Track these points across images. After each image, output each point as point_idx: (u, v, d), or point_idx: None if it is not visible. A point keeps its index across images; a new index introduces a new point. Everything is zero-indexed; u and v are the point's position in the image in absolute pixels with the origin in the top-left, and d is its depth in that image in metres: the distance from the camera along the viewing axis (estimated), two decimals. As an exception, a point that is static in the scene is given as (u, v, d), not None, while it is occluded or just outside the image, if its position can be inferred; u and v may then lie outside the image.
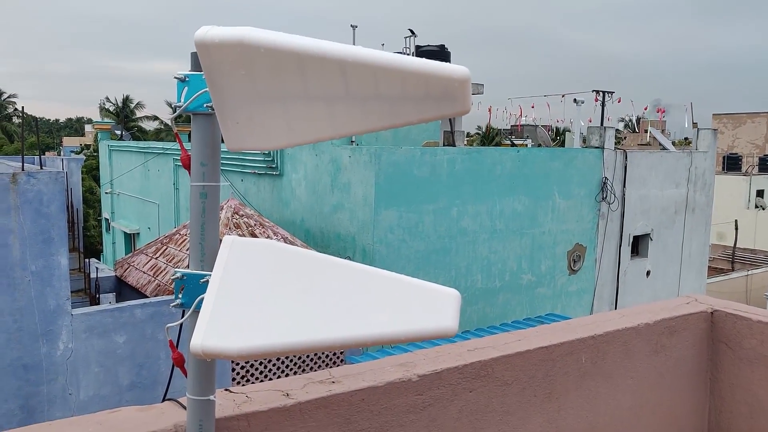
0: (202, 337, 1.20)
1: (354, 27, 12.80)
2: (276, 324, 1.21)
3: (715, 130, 15.73)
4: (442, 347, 2.05)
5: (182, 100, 1.35)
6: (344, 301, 1.24)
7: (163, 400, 1.57)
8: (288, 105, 1.22)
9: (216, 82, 1.22)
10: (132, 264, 10.21)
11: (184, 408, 1.47)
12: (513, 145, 22.66)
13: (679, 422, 2.49)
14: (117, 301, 9.36)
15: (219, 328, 1.21)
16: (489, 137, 43.54)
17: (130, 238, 19.01)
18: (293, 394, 1.65)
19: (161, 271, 9.34)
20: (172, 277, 1.39)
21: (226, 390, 1.66)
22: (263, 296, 1.25)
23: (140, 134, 43.11)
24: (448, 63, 1.16)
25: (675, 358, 2.45)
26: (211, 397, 1.42)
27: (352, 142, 11.15)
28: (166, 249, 10.08)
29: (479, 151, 11.39)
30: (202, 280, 1.34)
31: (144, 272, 9.66)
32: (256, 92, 1.21)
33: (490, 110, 21.91)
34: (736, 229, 24.86)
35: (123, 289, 9.98)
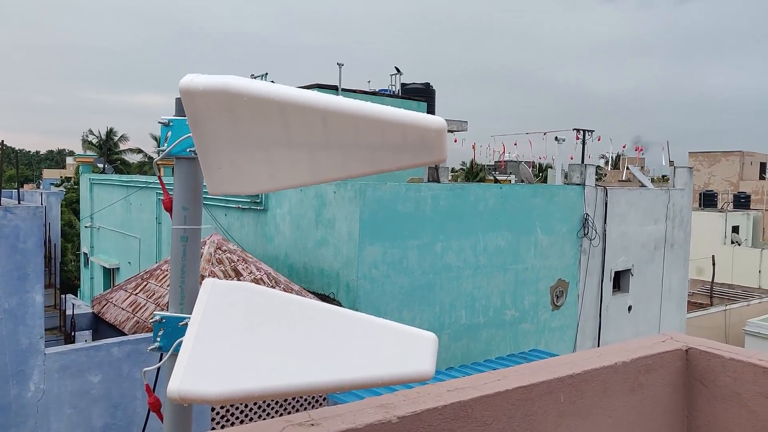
0: (180, 382, 1.20)
1: (340, 65, 12.99)
2: (254, 368, 1.22)
3: (690, 168, 16.05)
4: (422, 388, 2.05)
5: (166, 144, 1.37)
6: (322, 345, 1.25)
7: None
8: (270, 151, 1.25)
9: (199, 128, 1.25)
10: (110, 300, 10.07)
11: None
12: (497, 181, 22.91)
13: (659, 462, 2.50)
14: (94, 339, 9.21)
15: (197, 372, 1.21)
16: (473, 173, 44.02)
17: (110, 273, 18.78)
18: (271, 437, 1.64)
19: (141, 308, 9.21)
20: (151, 321, 1.39)
21: (204, 432, 1.65)
22: (242, 340, 1.26)
23: (123, 167, 42.95)
24: (425, 113, 1.20)
25: (652, 396, 2.47)
26: (189, 441, 1.41)
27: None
28: (147, 285, 9.96)
29: (463, 188, 11.50)
30: (181, 323, 1.35)
31: (123, 309, 9.52)
32: (238, 138, 1.25)
33: (474, 147, 22.19)
34: (714, 264, 25.18)
35: (100, 327, 9.82)
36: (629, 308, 14.05)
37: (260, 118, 1.22)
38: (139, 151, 46.44)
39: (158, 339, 1.36)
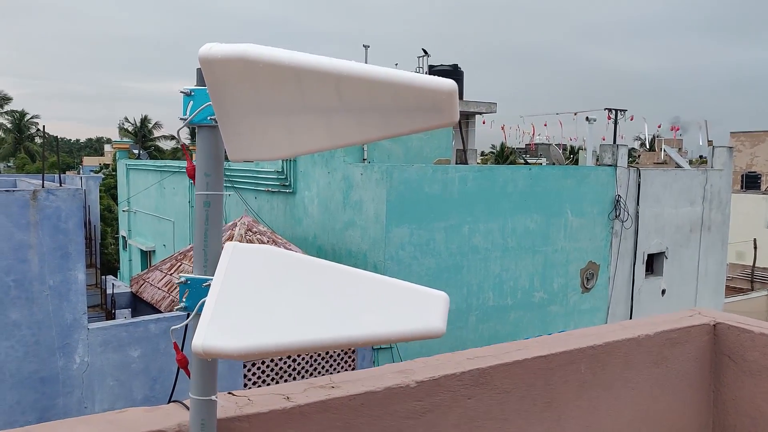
0: (203, 338, 1.26)
1: (366, 47, 12.97)
2: (273, 325, 1.27)
3: (730, 148, 15.65)
4: (442, 356, 2.09)
5: (188, 114, 1.42)
6: (338, 303, 1.29)
7: (169, 401, 1.62)
8: (287, 117, 1.29)
9: (219, 96, 1.29)
10: (147, 280, 10.34)
11: (188, 409, 1.53)
12: (526, 163, 22.68)
13: (682, 435, 2.50)
14: (132, 317, 9.48)
15: (219, 329, 1.27)
16: (504, 156, 43.60)
17: (146, 255, 19.22)
18: (294, 398, 1.70)
19: (175, 288, 9.45)
20: (177, 282, 1.45)
21: (229, 393, 1.72)
22: (261, 299, 1.31)
23: (157, 153, 43.70)
24: (436, 77, 1.22)
25: (677, 370, 2.47)
26: (213, 398, 1.47)
27: (363, 159, 11.25)
28: (181, 265, 10.20)
29: (491, 169, 11.44)
30: (204, 284, 1.40)
31: (159, 288, 9.78)
32: (257, 105, 1.28)
33: (503, 128, 21.99)
34: (755, 248, 24.58)
35: (138, 305, 10.11)
36: (663, 292, 13.85)
37: (277, 84, 1.25)
38: (173, 137, 47.18)
39: (184, 300, 1.42)
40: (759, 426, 2.43)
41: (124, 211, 21.23)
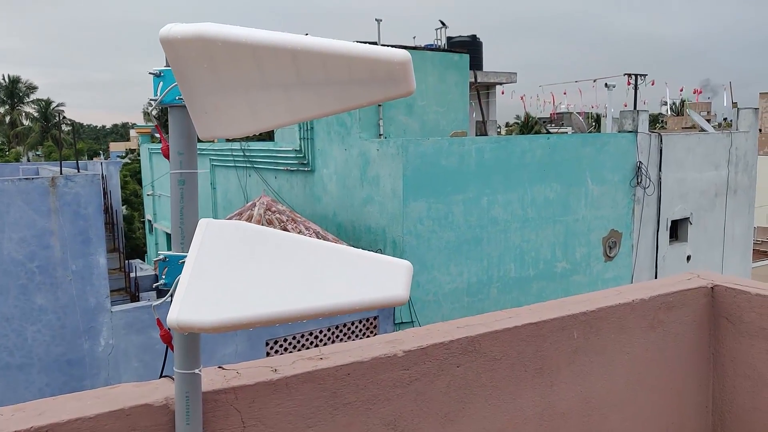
0: (177, 313, 1.30)
1: (379, 21, 12.85)
2: (244, 298, 1.30)
3: (756, 109, 15.25)
4: (432, 325, 2.12)
5: (158, 94, 1.45)
6: (306, 275, 1.33)
7: (160, 376, 1.68)
8: (249, 94, 1.31)
9: (182, 75, 1.32)
10: (170, 262, 10.52)
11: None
12: (548, 133, 22.39)
13: (681, 397, 2.51)
14: (157, 299, 9.69)
15: (192, 303, 1.31)
16: (528, 126, 43.07)
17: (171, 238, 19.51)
18: (281, 370, 1.74)
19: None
20: (155, 260, 1.50)
21: (219, 367, 1.77)
22: (233, 273, 1.35)
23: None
24: (391, 48, 1.23)
25: (674, 333, 2.46)
26: (197, 371, 1.52)
27: (380, 135, 11.24)
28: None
29: (508, 140, 11.34)
30: (181, 261, 1.44)
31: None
32: (219, 83, 1.31)
33: (522, 99, 21.71)
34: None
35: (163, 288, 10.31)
36: (688, 258, 13.67)
37: (236, 61, 1.27)
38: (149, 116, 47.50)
39: (163, 276, 1.47)
40: (757, 386, 2.42)
41: (148, 195, 21.54)
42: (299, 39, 1.24)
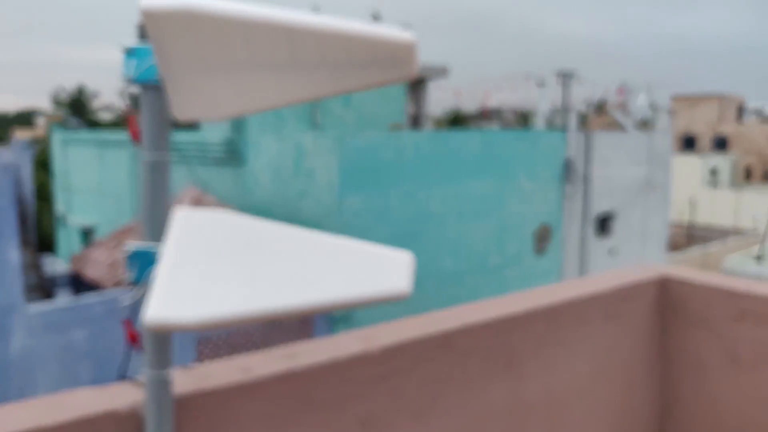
0: (156, 309, 1.19)
1: (316, 9, 12.67)
2: (231, 293, 1.21)
3: (670, 111, 16.09)
4: (405, 320, 2.07)
5: (131, 73, 1.33)
6: (298, 268, 1.25)
7: (120, 380, 1.56)
8: (236, 74, 1.22)
9: (164, 52, 1.21)
10: (88, 258, 10.03)
11: (141, 386, 1.47)
12: (479, 128, 22.79)
13: (633, 387, 2.58)
14: (73, 297, 9.20)
15: (173, 299, 1.20)
16: (457, 121, 43.72)
17: (86, 232, 18.62)
18: (253, 369, 1.65)
19: (120, 265, 9.20)
20: (124, 253, 1.37)
21: (185, 367, 1.66)
22: (216, 266, 1.25)
23: (95, 125, 42.04)
24: (394, 28, 1.17)
25: (628, 324, 2.53)
26: (168, 372, 1.41)
27: (315, 126, 11.10)
28: (124, 242, 9.91)
29: (445, 134, 11.46)
30: (153, 253, 1.33)
31: (101, 266, 9.50)
32: (204, 61, 1.21)
33: (456, 94, 21.99)
34: (693, 207, 25.54)
35: (79, 285, 9.80)
36: (613, 251, 14.27)
37: (225, 39, 1.18)
38: (111, 108, 45.50)
39: (131, 271, 1.35)
40: (698, 374, 2.52)
41: (60, 186, 20.44)
42: (296, 17, 1.15)
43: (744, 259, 17.52)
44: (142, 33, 1.34)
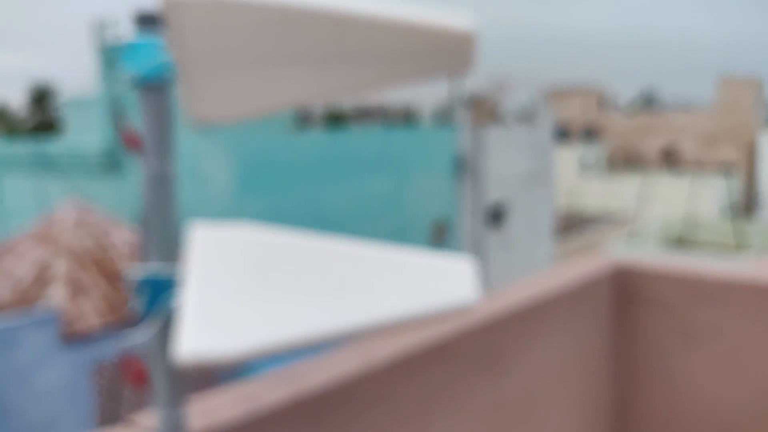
0: (193, 341, 1.02)
1: None
2: (279, 316, 1.07)
3: (548, 104, 17.04)
4: (401, 327, 1.99)
5: (132, 69, 1.14)
6: (346, 284, 1.13)
7: (118, 422, 1.35)
8: (270, 68, 1.08)
9: (186, 45, 1.04)
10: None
11: (140, 428, 1.28)
12: (361, 125, 22.91)
13: (598, 376, 2.65)
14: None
15: (212, 327, 1.04)
16: (335, 117, 43.70)
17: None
18: (260, 396, 1.50)
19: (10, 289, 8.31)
20: (128, 279, 1.18)
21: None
22: (255, 287, 1.10)
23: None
24: (452, 14, 1.08)
25: (589, 315, 2.60)
26: (183, 411, 1.24)
27: (207, 129, 10.64)
28: (5, 263, 8.98)
29: (340, 134, 11.40)
30: (169, 278, 1.16)
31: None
32: (234, 55, 1.05)
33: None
34: (569, 195, 27.30)
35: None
36: (507, 242, 14.86)
37: (261, 29, 1.03)
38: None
39: (142, 300, 1.16)
40: (653, 358, 2.64)
41: None
42: (341, 2, 1.03)
43: (621, 241, 18.97)
44: (141, 28, 1.16)
